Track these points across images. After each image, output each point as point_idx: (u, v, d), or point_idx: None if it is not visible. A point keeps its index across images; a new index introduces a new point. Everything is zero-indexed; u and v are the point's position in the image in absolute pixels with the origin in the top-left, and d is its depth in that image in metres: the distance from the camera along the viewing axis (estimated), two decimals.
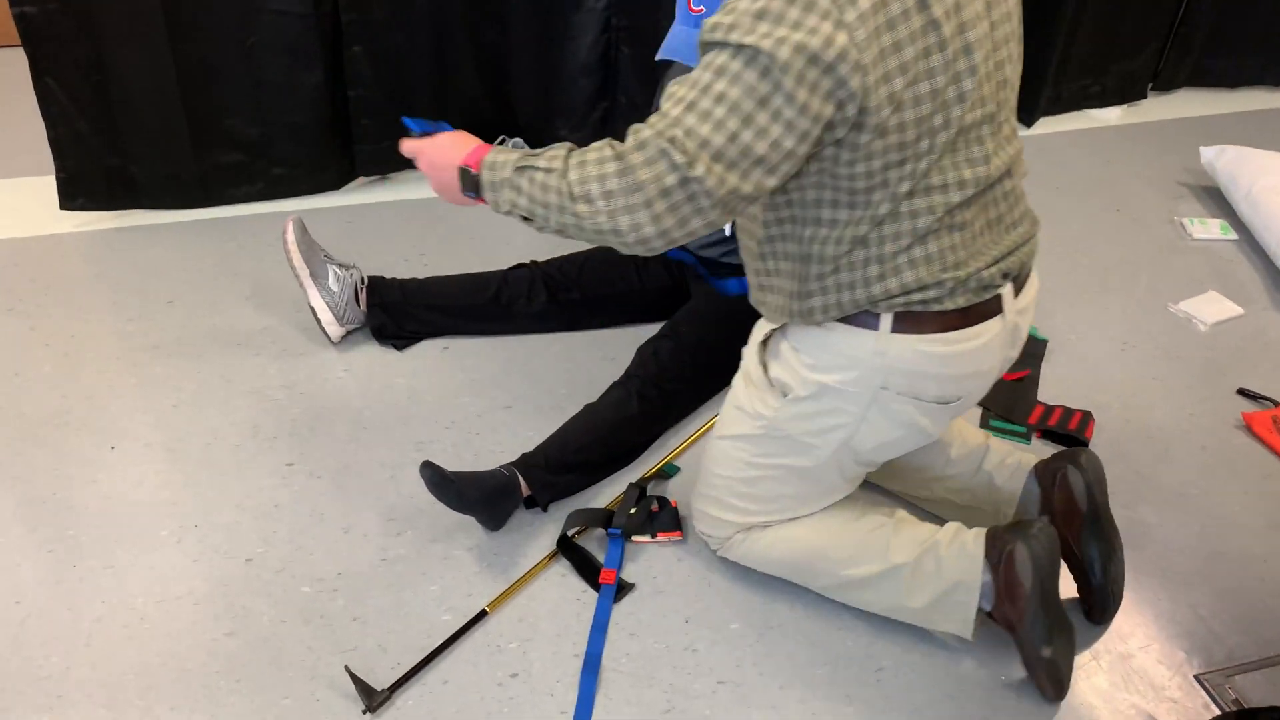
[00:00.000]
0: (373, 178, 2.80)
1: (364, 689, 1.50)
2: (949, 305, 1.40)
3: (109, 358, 2.14)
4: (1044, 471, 1.70)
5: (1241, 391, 2.23)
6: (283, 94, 2.52)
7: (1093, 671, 1.62)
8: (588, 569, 1.75)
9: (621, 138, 1.29)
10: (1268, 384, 2.26)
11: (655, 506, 1.83)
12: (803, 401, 1.51)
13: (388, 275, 2.27)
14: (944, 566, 1.58)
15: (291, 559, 1.73)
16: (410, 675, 1.55)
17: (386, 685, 1.53)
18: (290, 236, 2.10)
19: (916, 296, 1.39)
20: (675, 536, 1.80)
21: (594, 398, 2.04)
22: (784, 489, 1.65)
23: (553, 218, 1.33)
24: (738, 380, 1.66)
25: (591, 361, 2.20)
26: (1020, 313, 1.49)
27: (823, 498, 1.66)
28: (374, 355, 2.19)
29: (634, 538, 1.80)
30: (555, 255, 2.30)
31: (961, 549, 1.57)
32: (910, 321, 1.42)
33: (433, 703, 1.52)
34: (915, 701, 1.57)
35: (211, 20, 2.38)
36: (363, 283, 2.18)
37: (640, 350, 2.06)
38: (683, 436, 2.03)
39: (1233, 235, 2.79)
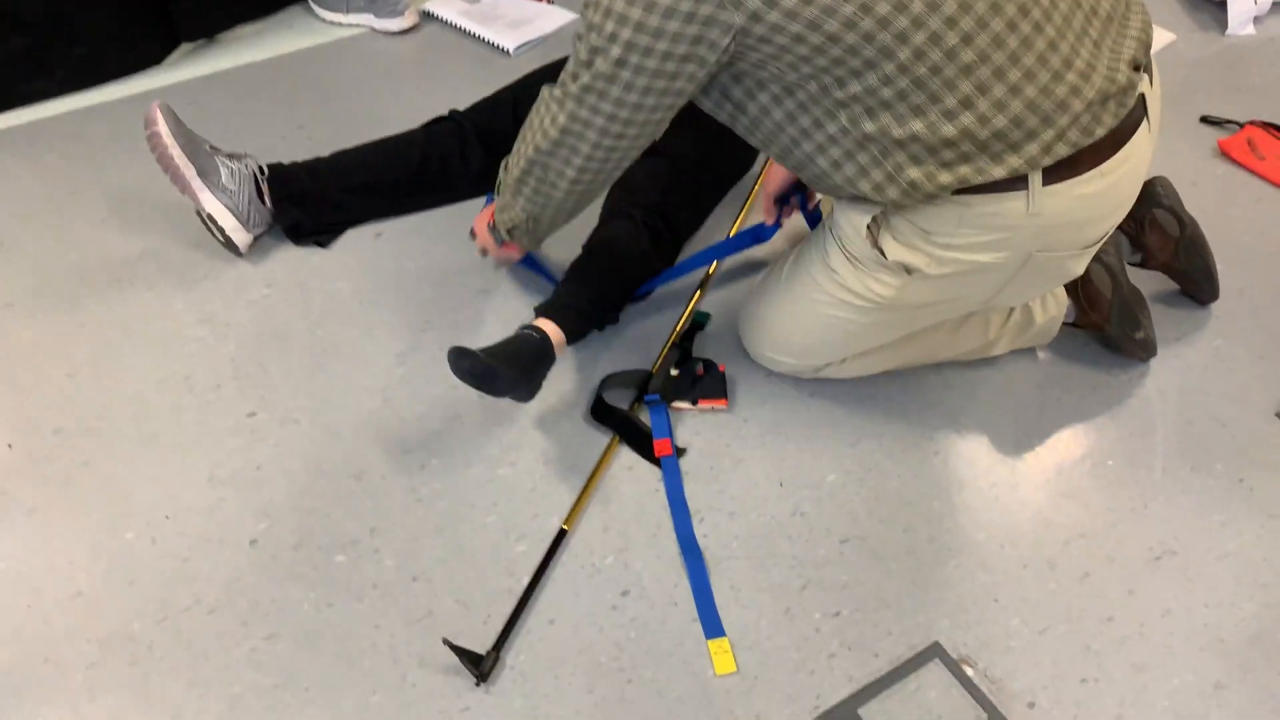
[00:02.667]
0: (199, 42, 2.26)
1: (467, 656, 1.26)
2: (1100, 132, 1.18)
3: None
4: (1128, 222, 1.68)
5: (1205, 119, 2.20)
6: None
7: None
8: (637, 438, 1.53)
9: None
10: (1225, 105, 2.23)
11: (700, 370, 1.61)
12: (934, 279, 1.30)
13: (268, 160, 1.84)
14: (1033, 314, 1.60)
15: (307, 528, 1.41)
16: (511, 625, 1.31)
17: (489, 646, 1.29)
18: (162, 128, 1.63)
19: (1061, 149, 1.18)
20: (720, 405, 1.59)
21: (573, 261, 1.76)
22: (893, 334, 1.50)
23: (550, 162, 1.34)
24: (834, 255, 1.41)
25: None
26: (1155, 101, 1.30)
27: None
28: (296, 260, 1.79)
29: (674, 404, 1.59)
30: (479, 100, 1.93)
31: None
32: (1063, 167, 1.19)
33: (549, 649, 1.30)
34: (1039, 506, 1.48)
35: None
36: (261, 173, 1.75)
37: (628, 174, 1.77)
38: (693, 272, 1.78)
39: None
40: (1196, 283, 1.73)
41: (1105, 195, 1.24)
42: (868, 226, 1.32)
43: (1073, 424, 1.59)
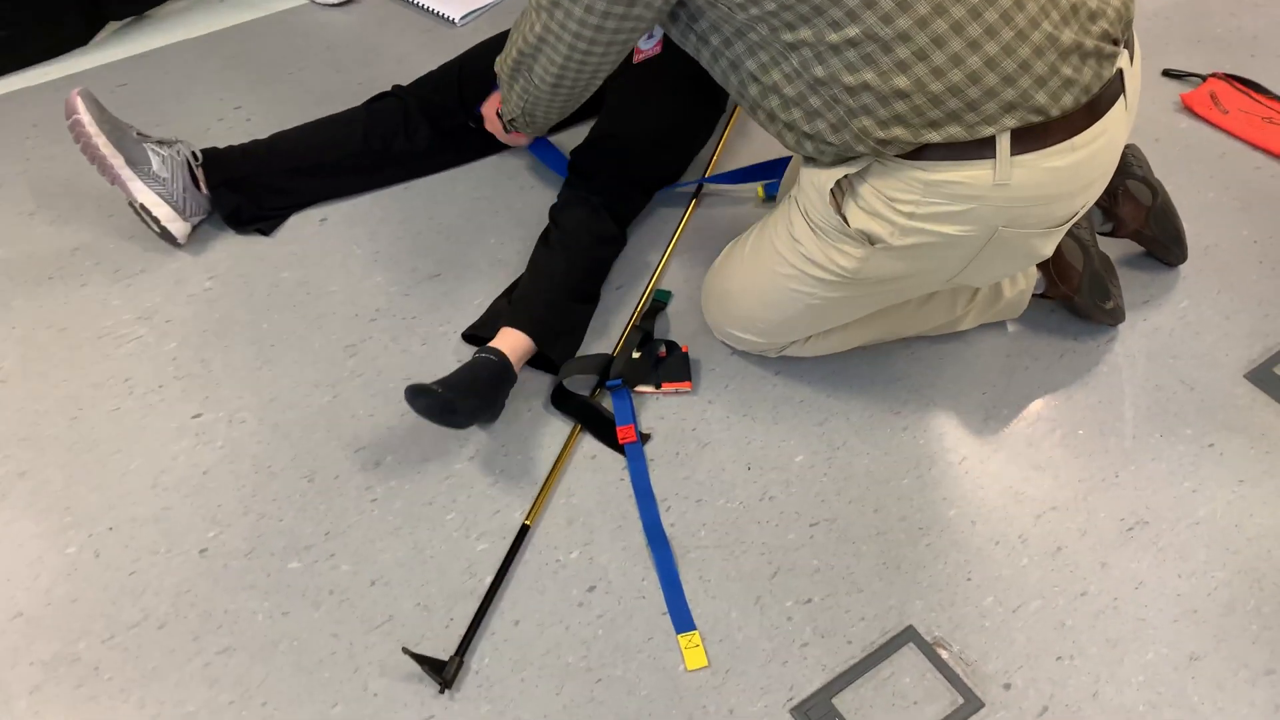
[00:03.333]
0: (127, 20, 2.15)
1: (429, 664, 1.22)
2: (1068, 100, 1.14)
3: None
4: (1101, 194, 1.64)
5: (1166, 73, 2.16)
6: None
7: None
8: (599, 425, 1.48)
9: None
10: (1187, 59, 2.20)
11: (663, 351, 1.57)
12: (897, 250, 1.26)
13: (206, 142, 1.76)
14: (1001, 288, 1.56)
15: (259, 533, 1.36)
16: (474, 628, 1.27)
17: (452, 650, 1.25)
18: (85, 117, 1.54)
19: (1025, 111, 1.14)
20: (684, 387, 1.54)
21: (530, 237, 1.70)
22: (858, 311, 1.46)
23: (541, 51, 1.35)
24: (798, 224, 1.36)
25: (510, 194, 1.83)
26: (1134, 78, 1.25)
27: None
28: (238, 249, 1.72)
29: (637, 388, 1.54)
30: (422, 75, 1.85)
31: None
32: (1033, 136, 1.15)
33: (514, 650, 1.26)
34: (1010, 480, 1.46)
35: None
36: (195, 159, 1.67)
37: (577, 157, 1.71)
38: (649, 246, 1.73)
39: None
40: (1166, 247, 1.70)
41: (1076, 170, 1.20)
42: (831, 191, 1.28)
43: (1042, 394, 1.57)
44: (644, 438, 1.48)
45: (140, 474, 1.41)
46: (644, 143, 1.71)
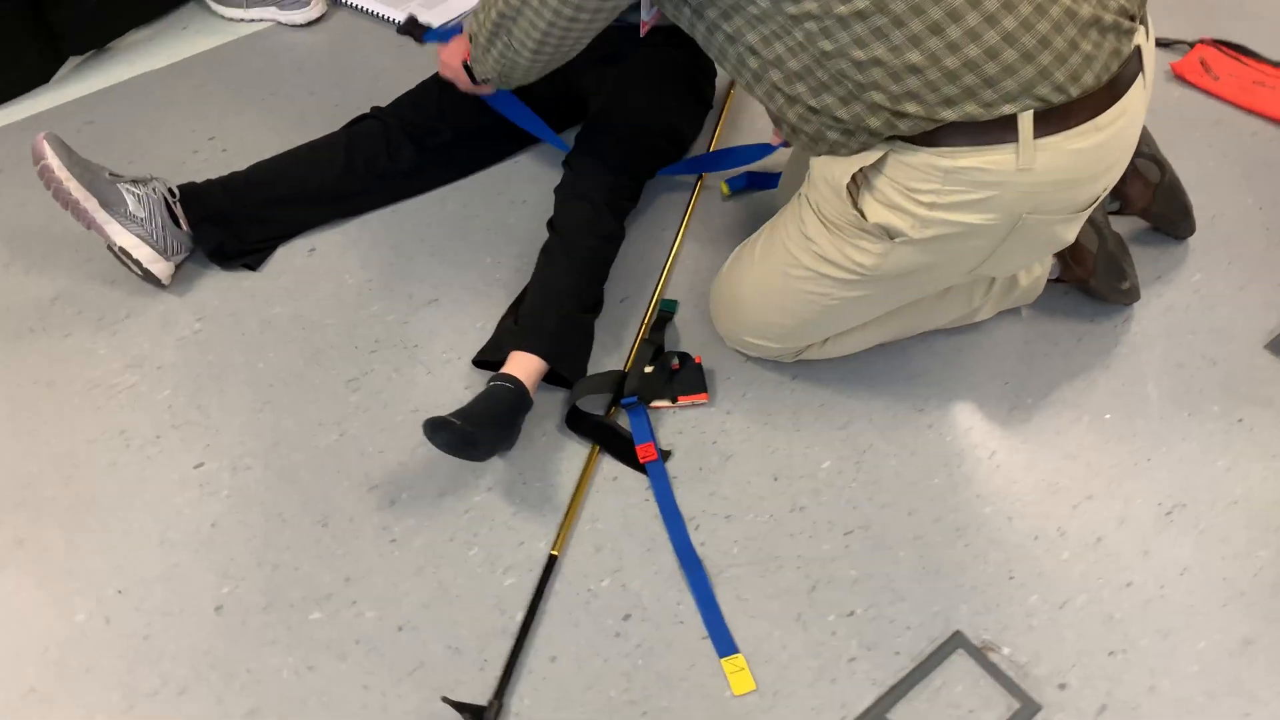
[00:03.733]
0: (88, 54, 2.07)
1: (469, 710, 1.17)
2: (1089, 78, 1.11)
3: None
4: None
5: (1154, 41, 2.14)
6: None
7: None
8: (618, 445, 1.44)
9: None
10: (1173, 25, 2.17)
11: (676, 364, 1.52)
12: (918, 243, 1.22)
13: (183, 177, 1.69)
14: (1017, 276, 1.53)
15: (275, 585, 1.30)
16: (510, 668, 1.22)
17: (490, 693, 1.20)
18: (53, 161, 1.47)
19: (1046, 90, 1.10)
20: (700, 399, 1.50)
21: (527, 255, 1.65)
22: (876, 310, 1.43)
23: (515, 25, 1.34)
24: (810, 223, 1.32)
25: (501, 210, 1.77)
26: (1150, 55, 1.22)
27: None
28: (225, 286, 1.65)
29: (653, 403, 1.49)
30: (401, 95, 1.79)
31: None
32: (1055, 117, 1.12)
33: (554, 689, 1.21)
34: (1042, 471, 1.42)
35: None
36: (173, 195, 1.60)
37: (575, 160, 1.66)
38: (649, 255, 1.68)
39: None
40: (1174, 222, 1.68)
41: (1099, 151, 1.16)
42: (847, 187, 1.23)
43: (1065, 380, 1.54)
44: (665, 455, 1.44)
45: (145, 531, 1.35)
46: (635, 135, 1.67)
